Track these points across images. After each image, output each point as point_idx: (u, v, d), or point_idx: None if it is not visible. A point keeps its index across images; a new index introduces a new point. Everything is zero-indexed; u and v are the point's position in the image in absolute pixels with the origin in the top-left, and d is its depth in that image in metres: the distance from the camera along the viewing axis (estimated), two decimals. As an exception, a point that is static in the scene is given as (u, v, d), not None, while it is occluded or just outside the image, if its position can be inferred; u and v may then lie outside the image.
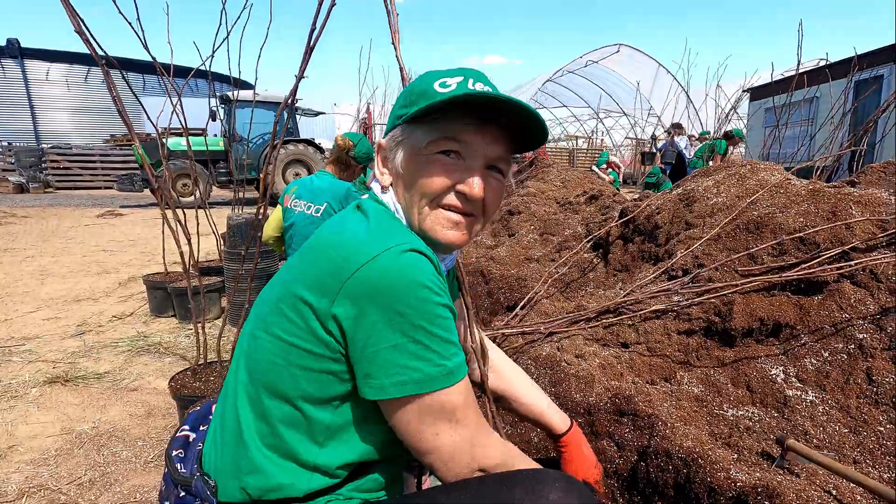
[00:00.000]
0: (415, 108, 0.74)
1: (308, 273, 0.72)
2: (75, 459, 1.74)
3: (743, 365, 1.67)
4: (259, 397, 0.74)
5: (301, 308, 0.70)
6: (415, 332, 0.66)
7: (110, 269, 4.75)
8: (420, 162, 0.76)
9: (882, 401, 1.43)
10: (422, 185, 0.75)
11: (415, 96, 0.76)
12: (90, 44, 1.65)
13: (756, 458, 1.31)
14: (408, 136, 0.77)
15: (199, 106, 13.53)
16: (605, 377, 1.66)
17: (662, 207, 2.55)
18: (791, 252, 1.87)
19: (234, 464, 0.75)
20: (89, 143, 18.37)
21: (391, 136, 0.80)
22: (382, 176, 0.82)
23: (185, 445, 0.90)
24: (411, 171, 0.77)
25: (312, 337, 0.69)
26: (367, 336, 0.66)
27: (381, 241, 0.69)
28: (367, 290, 0.66)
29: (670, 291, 1.97)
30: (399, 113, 0.79)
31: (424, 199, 0.76)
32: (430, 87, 0.75)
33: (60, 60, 20.79)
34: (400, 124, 0.78)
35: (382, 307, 0.65)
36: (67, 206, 10.29)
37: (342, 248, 0.70)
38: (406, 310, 0.65)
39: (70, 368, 2.44)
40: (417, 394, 0.67)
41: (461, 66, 0.82)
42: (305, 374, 0.71)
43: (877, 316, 1.57)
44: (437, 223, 0.77)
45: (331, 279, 0.68)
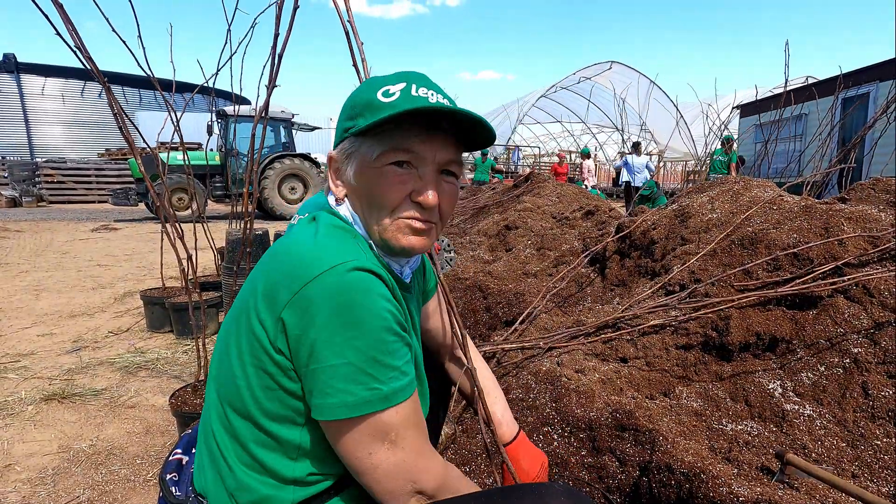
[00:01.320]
0: (361, 121, 0.74)
1: (262, 285, 0.72)
2: (73, 478, 1.72)
3: (741, 379, 1.69)
4: (228, 418, 0.74)
5: (254, 322, 0.70)
6: (353, 354, 0.65)
7: (106, 283, 4.73)
8: (372, 174, 0.76)
9: (878, 415, 1.45)
10: (377, 198, 0.76)
11: (360, 108, 0.76)
12: (91, 61, 1.68)
13: (756, 473, 1.33)
14: (356, 148, 0.77)
15: (195, 120, 13.58)
16: (605, 392, 1.68)
17: (658, 223, 2.59)
18: (785, 267, 1.90)
19: (220, 482, 0.76)
20: (84, 157, 18.34)
21: (341, 149, 0.79)
22: (336, 188, 0.81)
23: (179, 468, 0.90)
24: (365, 184, 0.77)
25: (266, 354, 0.69)
26: (309, 353, 0.66)
27: (331, 256, 0.68)
28: (312, 306, 0.65)
29: (668, 306, 2.00)
30: (346, 125, 0.78)
31: (382, 211, 0.76)
32: (374, 98, 0.74)
33: (56, 75, 20.87)
34: (348, 137, 0.77)
35: (323, 326, 0.65)
36: (61, 221, 10.24)
37: (291, 261, 0.70)
38: (346, 331, 0.65)
39: (66, 385, 2.42)
40: (348, 417, 0.67)
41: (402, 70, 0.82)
42: (266, 393, 0.71)
43: (871, 330, 1.60)
44: (398, 231, 0.77)
45: (280, 291, 0.68)
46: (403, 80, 0.76)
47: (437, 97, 0.76)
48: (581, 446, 1.47)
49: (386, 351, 0.68)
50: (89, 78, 21.07)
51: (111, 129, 21.37)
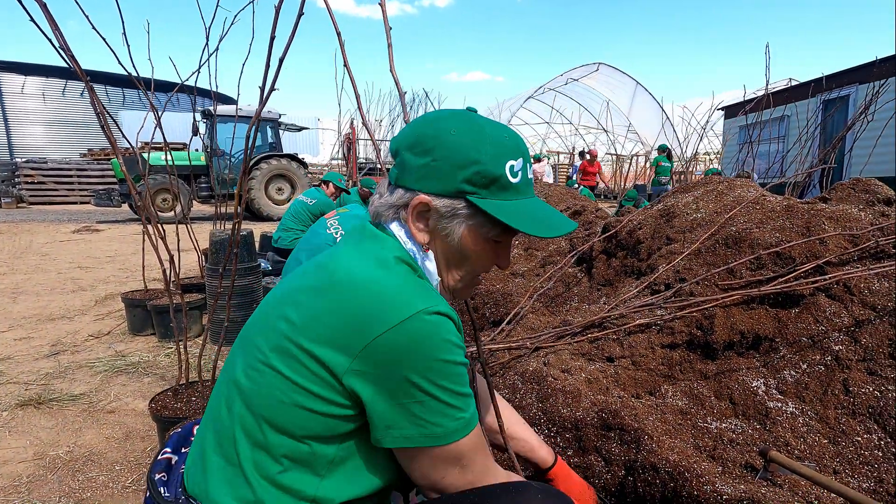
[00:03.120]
0: (489, 196, 0.77)
1: (323, 319, 0.71)
2: (49, 486, 1.68)
3: (725, 377, 1.71)
4: (261, 431, 0.73)
5: (311, 356, 0.70)
6: (439, 391, 0.70)
7: (86, 286, 4.63)
8: (480, 244, 0.81)
9: (859, 411, 1.46)
10: (476, 264, 0.83)
11: (488, 179, 0.76)
12: (75, 61, 1.64)
13: (740, 471, 1.33)
14: (472, 214, 0.78)
15: (179, 120, 13.39)
16: (591, 392, 1.67)
17: (644, 223, 2.60)
18: (768, 266, 1.92)
19: (230, 491, 0.74)
20: (66, 157, 18.00)
21: (450, 207, 0.78)
22: (419, 233, 0.80)
23: (168, 468, 0.88)
24: (467, 249, 0.81)
25: (324, 385, 0.70)
26: (391, 395, 0.69)
27: (409, 300, 0.70)
28: (395, 353, 0.68)
29: (653, 305, 2.01)
30: (465, 189, 0.76)
31: (475, 272, 0.84)
32: (503, 174, 0.77)
33: (36, 73, 20.45)
34: (463, 199, 0.77)
35: (410, 368, 0.68)
36: (42, 222, 10.03)
37: (367, 303, 0.70)
38: (432, 370, 0.69)
39: (43, 391, 2.36)
40: (436, 446, 0.71)
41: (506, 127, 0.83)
42: (312, 415, 0.71)
43: (851, 328, 1.62)
44: (468, 287, 0.87)
45: (353, 336, 0.69)
46: (520, 153, 0.79)
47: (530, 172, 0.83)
48: (567, 446, 1.47)
49: (462, 382, 0.73)
50: (71, 76, 20.71)
51: (94, 129, 21.01)
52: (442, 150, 0.76)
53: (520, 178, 0.79)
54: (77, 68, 1.62)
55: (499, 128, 0.79)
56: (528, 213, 0.79)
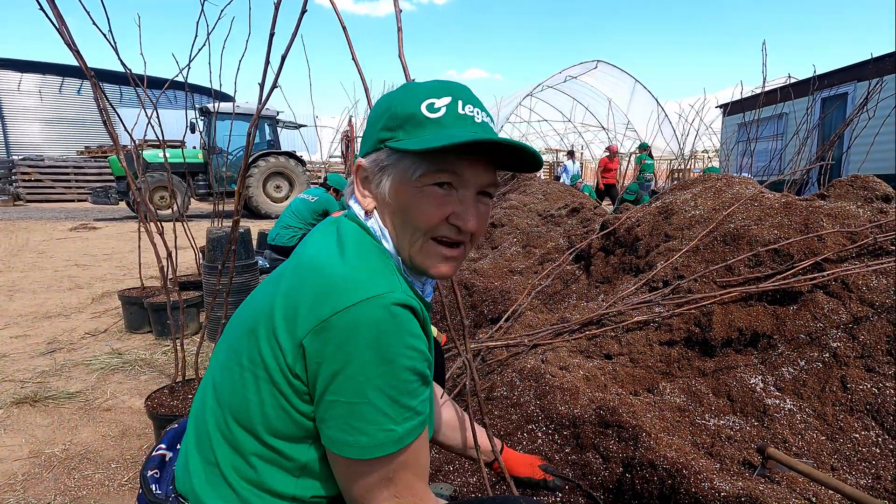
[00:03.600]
0: (402, 134, 0.71)
1: (282, 300, 0.68)
2: (44, 484, 1.67)
3: (723, 374, 1.70)
4: (230, 429, 0.71)
5: (271, 339, 0.67)
6: (375, 394, 0.63)
7: (83, 284, 4.61)
8: (411, 193, 0.71)
9: (857, 408, 1.46)
10: (415, 219, 0.72)
11: (400, 119, 0.71)
12: (80, 57, 1.62)
13: (738, 467, 1.33)
14: (394, 163, 0.72)
15: (177, 117, 13.34)
16: (589, 389, 1.67)
17: (642, 220, 2.60)
18: (766, 263, 1.92)
19: (210, 491, 0.73)
20: (63, 154, 17.94)
21: (374, 160, 0.74)
22: (364, 199, 0.77)
23: (162, 465, 0.87)
24: (402, 202, 0.72)
25: (281, 374, 0.66)
26: (327, 384, 0.64)
27: (366, 284, 0.65)
28: (339, 337, 0.62)
29: (651, 302, 2.00)
30: (382, 136, 0.73)
31: (417, 231, 0.73)
32: (417, 111, 0.70)
33: (33, 71, 20.37)
34: (384, 148, 0.73)
35: (348, 361, 0.62)
36: (39, 220, 9.99)
37: (320, 283, 0.66)
38: (371, 370, 0.62)
39: (39, 388, 2.35)
40: (359, 458, 0.65)
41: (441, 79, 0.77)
42: (277, 412, 0.68)
43: (849, 325, 1.62)
44: (431, 257, 0.74)
45: (305, 314, 0.65)
46: (447, 92, 0.72)
47: (481, 116, 0.73)
48: (565, 443, 1.46)
49: (406, 391, 0.65)
50: (68, 73, 20.61)
51: (91, 127, 20.93)
52: (371, 113, 0.77)
53: (443, 112, 0.70)
54: (82, 64, 1.61)
55: (433, 82, 0.75)
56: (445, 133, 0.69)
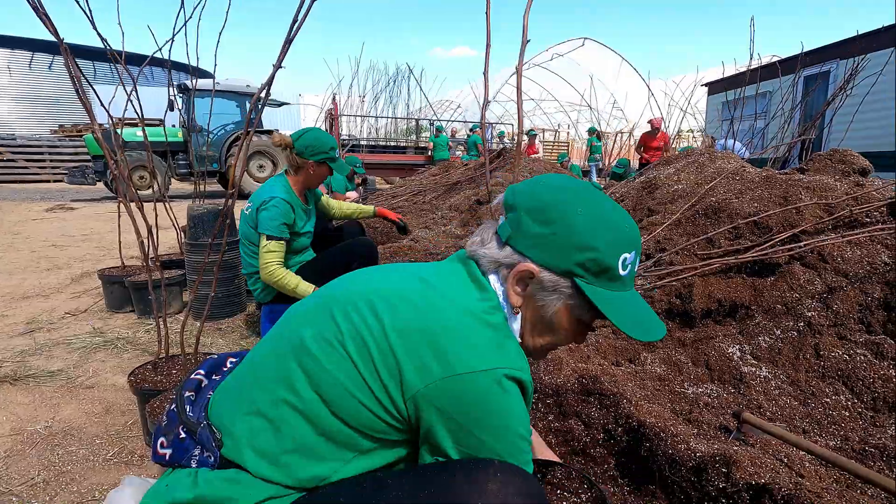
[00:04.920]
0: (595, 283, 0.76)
1: (415, 337, 0.72)
2: (27, 460, 1.66)
3: (702, 344, 1.74)
4: (308, 401, 0.73)
5: (392, 368, 0.71)
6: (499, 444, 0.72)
7: (62, 264, 4.51)
8: (570, 323, 0.81)
9: (829, 374, 1.51)
10: (560, 340, 0.83)
11: (600, 267, 0.75)
12: (52, 25, 1.55)
13: (714, 432, 1.37)
14: (571, 295, 0.78)
15: (156, 95, 12.97)
16: (572, 359, 1.70)
17: (626, 195, 2.62)
18: (746, 235, 1.95)
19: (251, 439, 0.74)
20: (36, 133, 17.35)
21: (554, 283, 0.77)
22: (515, 296, 0.80)
23: (198, 389, 0.88)
24: (558, 324, 0.81)
25: (385, 395, 0.71)
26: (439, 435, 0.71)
27: (497, 354, 0.72)
28: (463, 398, 0.69)
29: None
30: (577, 271, 0.76)
31: (551, 344, 0.84)
32: (615, 265, 0.75)
33: (1, 45, 19.53)
34: (570, 278, 0.76)
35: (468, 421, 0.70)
36: (13, 201, 9.70)
37: (459, 341, 0.71)
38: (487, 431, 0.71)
39: (19, 367, 2.31)
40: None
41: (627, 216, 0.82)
42: (369, 414, 0.72)
43: (824, 294, 1.67)
44: (542, 357, 0.88)
45: (437, 365, 0.70)
46: (634, 246, 0.78)
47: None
48: (548, 411, 1.49)
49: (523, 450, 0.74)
50: (38, 48, 19.79)
51: (64, 105, 20.21)
52: (564, 228, 0.75)
53: (628, 271, 0.78)
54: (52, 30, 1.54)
55: (622, 217, 0.79)
56: (627, 308, 0.78)
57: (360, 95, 15.27)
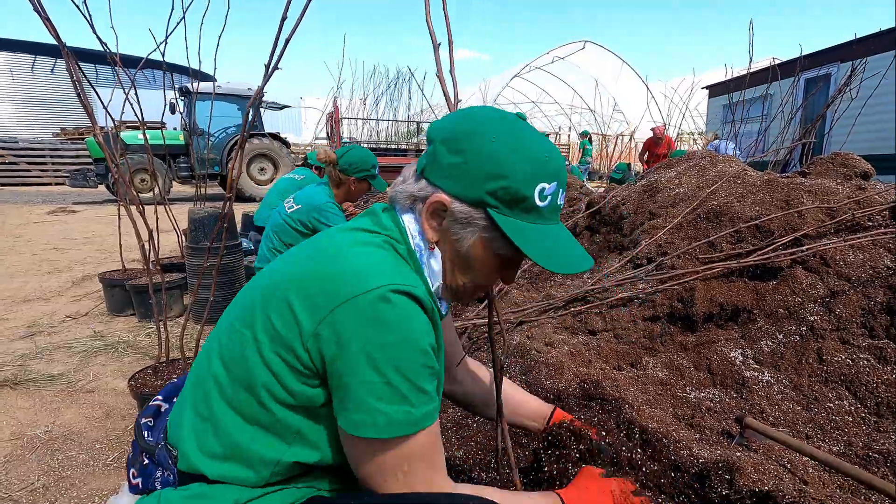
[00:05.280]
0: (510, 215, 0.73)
1: (305, 282, 0.70)
2: (27, 465, 1.65)
3: (704, 349, 1.74)
4: (234, 391, 0.73)
5: (288, 318, 0.69)
6: (393, 374, 0.66)
7: (63, 267, 4.52)
8: (487, 259, 0.77)
9: (831, 379, 1.51)
10: (479, 277, 0.80)
11: (514, 196, 0.72)
12: (53, 28, 1.55)
13: (717, 437, 1.37)
14: (486, 227, 0.74)
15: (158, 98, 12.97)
16: (574, 364, 1.69)
17: (627, 199, 2.61)
18: (748, 239, 1.94)
19: (198, 444, 0.74)
20: (37, 136, 17.39)
21: (467, 214, 0.74)
22: (430, 231, 0.77)
23: (157, 415, 0.89)
24: (474, 260, 0.78)
25: (293, 352, 0.68)
26: (346, 367, 0.66)
27: (389, 273, 0.69)
28: (355, 321, 0.66)
29: (635, 279, 2.02)
30: (488, 200, 0.72)
31: (472, 282, 0.80)
32: (531, 195, 0.72)
33: (2, 49, 19.59)
34: (482, 209, 0.73)
35: (365, 342, 0.65)
36: (14, 204, 9.72)
37: (343, 268, 0.70)
38: (388, 351, 0.66)
39: (20, 371, 2.31)
40: (377, 437, 0.67)
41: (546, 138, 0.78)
42: (283, 383, 0.70)
43: (826, 299, 1.66)
44: (468, 296, 0.84)
45: (323, 299, 0.67)
46: (555, 177, 0.75)
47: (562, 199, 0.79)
48: (549, 417, 1.49)
49: (421, 375, 0.68)
50: (40, 52, 19.85)
51: (66, 108, 20.25)
52: (475, 156, 0.72)
53: (548, 202, 0.74)
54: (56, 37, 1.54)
55: (542, 147, 0.74)
56: (546, 241, 0.74)
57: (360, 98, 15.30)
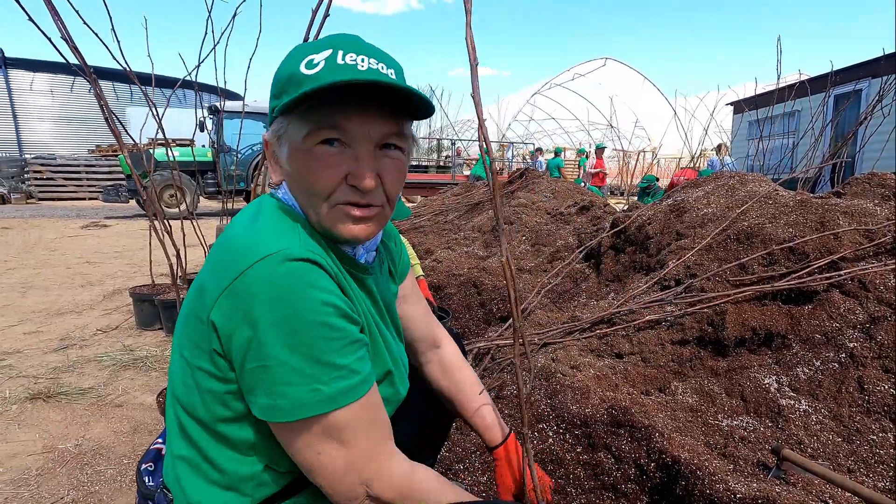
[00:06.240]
0: (285, 97, 0.66)
1: (199, 282, 0.68)
2: (58, 479, 1.68)
3: (736, 374, 1.68)
4: (181, 420, 0.72)
5: (194, 321, 0.66)
6: (288, 354, 0.60)
7: (95, 281, 4.66)
8: (302, 158, 0.68)
9: (874, 409, 1.44)
10: (310, 184, 0.68)
11: (283, 83, 0.68)
12: (78, 52, 1.63)
13: (752, 469, 1.31)
14: (285, 129, 0.69)
15: (187, 116, 13.45)
16: (600, 388, 1.66)
17: (653, 218, 2.57)
18: (781, 262, 1.89)
19: (185, 481, 0.73)
20: (74, 153, 18.14)
21: (273, 131, 0.71)
22: (273, 173, 0.75)
23: (157, 458, 0.88)
24: (297, 169, 0.69)
25: (204, 355, 0.65)
26: (244, 352, 0.61)
27: (266, 244, 0.63)
28: (240, 302, 0.60)
29: (663, 301, 1.98)
30: (272, 104, 0.70)
31: (316, 197, 0.69)
32: (296, 70, 0.66)
33: (45, 70, 20.58)
34: (276, 117, 0.69)
35: (255, 323, 0.60)
36: (51, 218, 10.11)
37: (223, 253, 0.66)
38: (279, 328, 0.60)
39: (52, 384, 2.37)
40: (287, 421, 0.62)
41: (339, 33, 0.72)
42: (212, 396, 0.67)
43: (867, 325, 1.59)
44: (338, 220, 0.69)
45: (211, 288, 0.64)
46: (329, 45, 0.67)
47: (368, 63, 0.67)
48: (576, 443, 1.45)
49: (327, 349, 0.62)
50: (78, 73, 20.82)
51: (102, 126, 21.11)
52: (271, 87, 0.72)
53: (321, 66, 0.66)
54: (81, 61, 1.62)
55: (322, 38, 0.70)
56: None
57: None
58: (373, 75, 0.65)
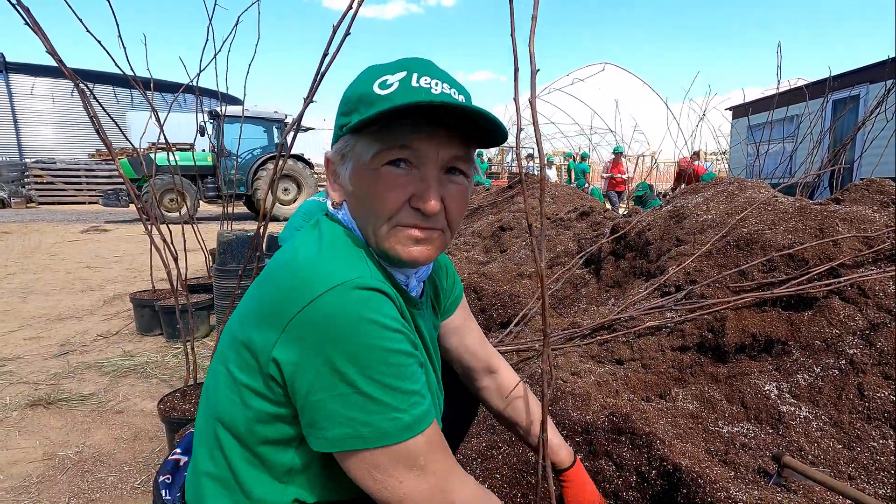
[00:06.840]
0: (356, 116, 0.67)
1: (258, 304, 0.67)
2: (58, 486, 1.68)
3: (737, 381, 1.68)
4: (218, 436, 0.70)
5: (250, 345, 0.65)
6: (363, 382, 0.60)
7: (95, 286, 4.66)
8: (368, 177, 0.68)
9: (874, 416, 1.44)
10: (374, 204, 0.68)
11: (354, 102, 0.69)
12: (63, 64, 1.65)
13: (753, 476, 1.31)
14: (351, 147, 0.70)
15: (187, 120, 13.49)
16: (601, 395, 1.66)
17: (653, 224, 2.58)
18: (780, 268, 1.90)
19: (197, 499, 0.72)
20: (74, 157, 18.16)
21: (337, 149, 0.72)
22: (334, 192, 0.75)
23: (175, 470, 0.86)
24: (361, 188, 0.69)
25: (260, 378, 0.65)
26: (311, 383, 0.61)
27: (332, 273, 0.62)
28: (311, 332, 0.60)
29: (663, 307, 1.99)
30: (341, 122, 0.71)
31: (379, 218, 0.68)
32: (369, 90, 0.67)
33: (45, 75, 20.65)
34: (343, 135, 0.70)
35: (327, 353, 0.59)
36: (50, 222, 10.11)
37: (289, 279, 0.64)
38: (353, 357, 0.59)
39: (53, 390, 2.37)
40: (368, 448, 0.62)
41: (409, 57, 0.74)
42: (259, 416, 0.66)
43: (866, 331, 1.60)
44: (398, 242, 0.69)
45: (274, 316, 0.63)
46: (403, 68, 0.68)
47: (441, 87, 0.68)
48: (577, 450, 1.45)
49: (402, 375, 0.62)
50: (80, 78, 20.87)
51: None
52: (340, 105, 0.73)
53: (395, 87, 0.66)
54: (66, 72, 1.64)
55: (394, 61, 0.71)
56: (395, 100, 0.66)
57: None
58: (446, 98, 0.66)
